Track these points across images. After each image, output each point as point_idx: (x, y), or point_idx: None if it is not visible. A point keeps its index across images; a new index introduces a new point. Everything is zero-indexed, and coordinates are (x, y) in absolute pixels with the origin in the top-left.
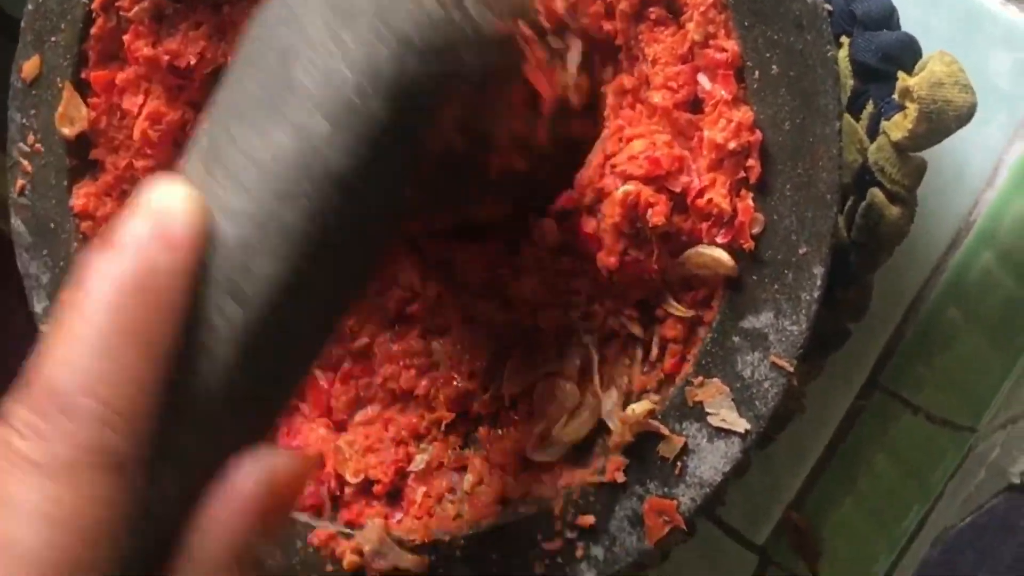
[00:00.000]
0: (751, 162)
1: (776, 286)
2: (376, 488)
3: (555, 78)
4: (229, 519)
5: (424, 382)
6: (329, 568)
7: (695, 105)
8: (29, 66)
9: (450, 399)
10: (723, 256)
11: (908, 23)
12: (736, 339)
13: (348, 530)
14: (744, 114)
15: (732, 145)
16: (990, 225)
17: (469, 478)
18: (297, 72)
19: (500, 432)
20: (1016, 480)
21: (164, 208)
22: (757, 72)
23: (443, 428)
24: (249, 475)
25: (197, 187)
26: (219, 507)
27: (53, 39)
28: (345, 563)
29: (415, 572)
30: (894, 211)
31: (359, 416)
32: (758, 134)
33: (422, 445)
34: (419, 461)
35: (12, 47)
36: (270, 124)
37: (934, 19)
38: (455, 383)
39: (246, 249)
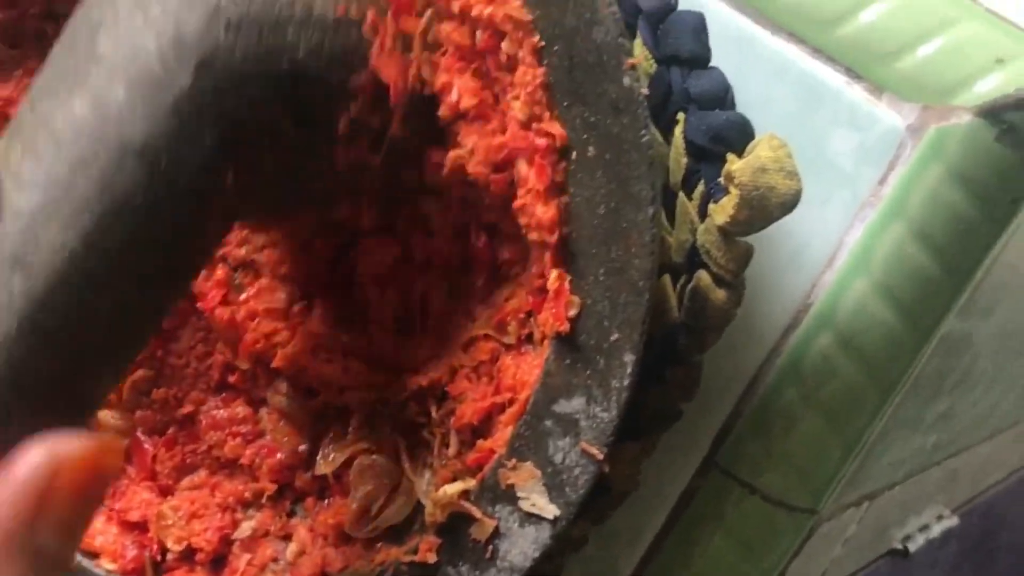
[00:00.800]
0: (547, 257)
1: (588, 371)
2: (199, 556)
3: (406, 66)
4: (3, 506)
5: (249, 451)
6: None
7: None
8: None
9: (273, 471)
10: None
11: (752, 97)
12: (548, 423)
13: None
14: (549, 212)
15: (533, 236)
16: (828, 308)
17: (293, 547)
18: (101, 44)
19: (325, 503)
20: (899, 546)
21: None
22: (575, 153)
23: (267, 498)
24: (28, 459)
25: None
26: None
27: None
28: None
29: None
30: (720, 295)
31: (185, 481)
32: (556, 236)
33: (248, 512)
34: (244, 528)
35: None
36: (70, 95)
37: (778, 94)
38: (279, 455)
39: (35, 218)
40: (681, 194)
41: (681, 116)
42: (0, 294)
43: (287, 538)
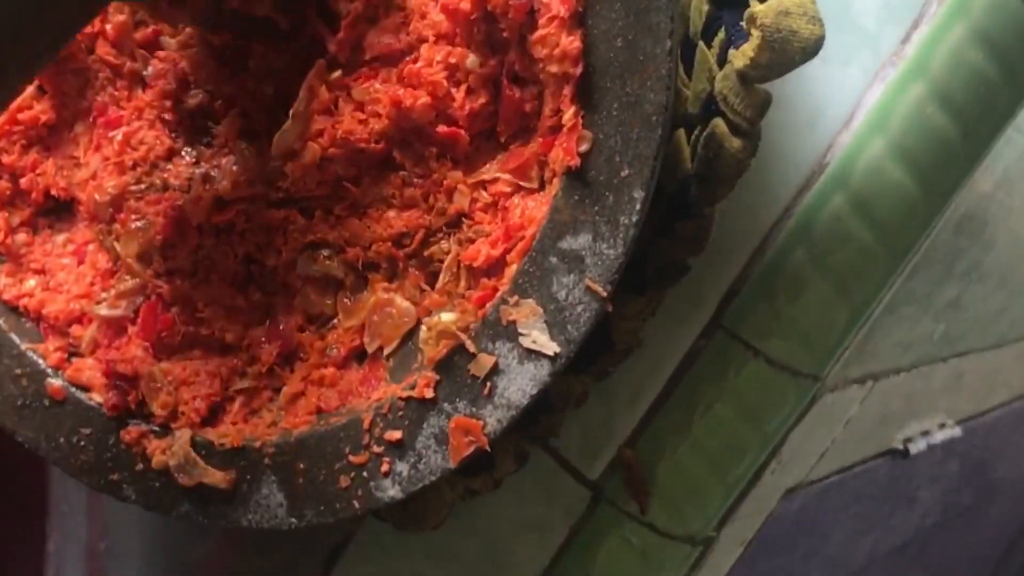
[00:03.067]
0: (567, 91)
1: (596, 208)
2: (180, 421)
3: None
4: None
5: (249, 336)
6: (139, 466)
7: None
8: None
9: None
10: None
11: None
12: (553, 259)
13: (159, 428)
14: (574, 42)
15: (553, 69)
16: (843, 169)
17: (286, 391)
18: None
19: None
20: (899, 446)
21: None
22: None
23: (265, 371)
24: None
25: None
26: None
27: None
28: (154, 462)
29: (221, 487)
30: (735, 143)
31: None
32: (580, 68)
33: (243, 381)
34: (239, 384)
35: None
36: None
37: None
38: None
39: None
40: (700, 43)
41: None
42: None
43: (279, 390)
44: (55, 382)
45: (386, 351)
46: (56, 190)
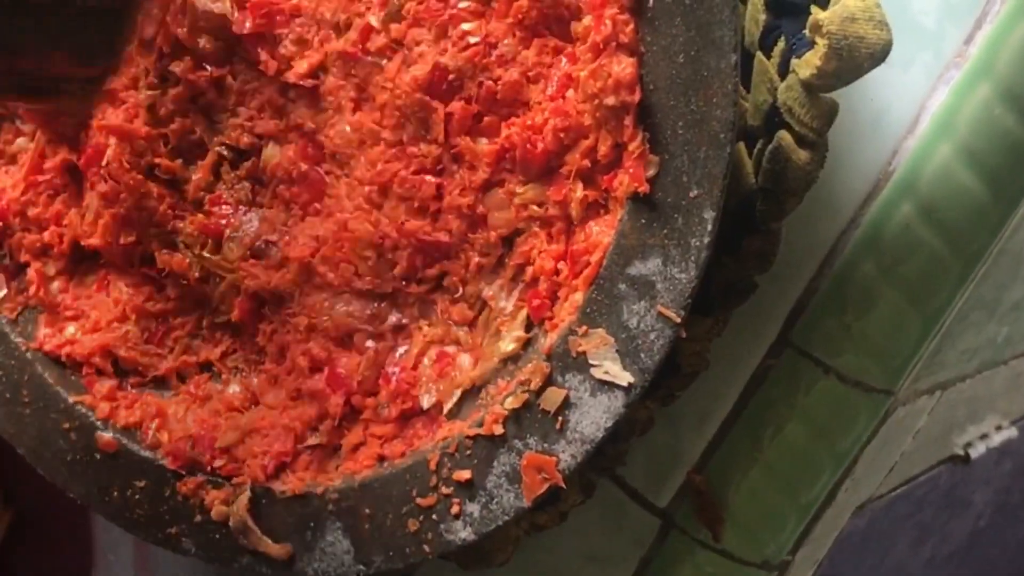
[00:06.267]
0: (627, 121)
1: (665, 231)
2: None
3: None
4: None
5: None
6: (198, 518)
7: None
8: None
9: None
10: None
11: None
12: (622, 286)
13: (218, 479)
14: (624, 70)
15: (610, 101)
16: (910, 176)
17: (347, 441)
18: None
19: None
20: (960, 452)
21: None
22: (652, 0)
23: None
24: None
25: None
26: None
27: None
28: (213, 513)
29: (275, 558)
30: (802, 155)
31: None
32: (637, 95)
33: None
34: (311, 440)
35: None
36: None
37: None
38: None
39: None
40: (759, 54)
41: None
42: None
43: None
44: (106, 435)
45: (445, 408)
46: (84, 240)
